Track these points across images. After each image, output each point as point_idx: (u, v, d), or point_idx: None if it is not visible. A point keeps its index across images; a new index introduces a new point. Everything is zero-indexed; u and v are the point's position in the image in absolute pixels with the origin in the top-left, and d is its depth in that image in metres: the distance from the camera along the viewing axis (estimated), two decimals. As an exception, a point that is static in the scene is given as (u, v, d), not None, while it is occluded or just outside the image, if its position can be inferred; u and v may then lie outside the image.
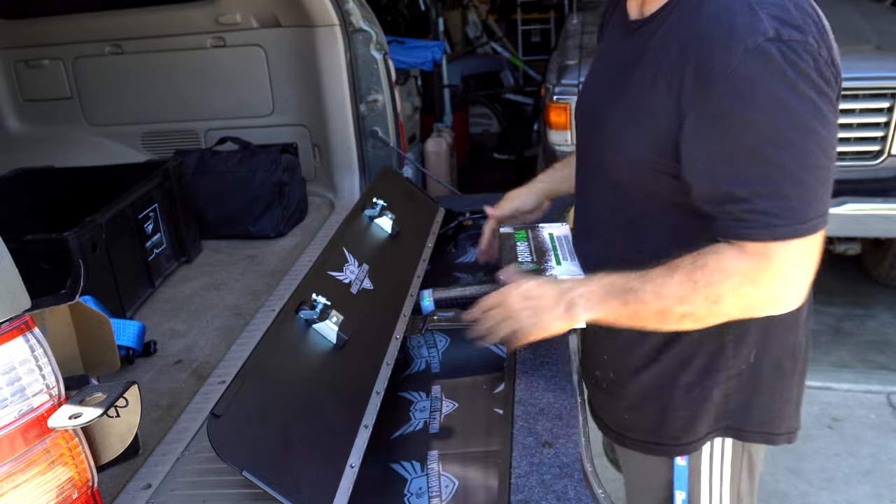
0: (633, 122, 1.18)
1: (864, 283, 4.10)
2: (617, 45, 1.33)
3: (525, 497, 1.08)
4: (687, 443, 1.36)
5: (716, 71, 1.03)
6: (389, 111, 2.82)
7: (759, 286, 1.09)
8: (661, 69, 1.12)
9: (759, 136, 1.03)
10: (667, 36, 1.14)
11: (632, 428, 1.42)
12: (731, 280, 1.08)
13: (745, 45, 1.01)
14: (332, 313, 1.43)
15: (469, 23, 7.34)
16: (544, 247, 1.59)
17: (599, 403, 1.51)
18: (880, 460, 2.79)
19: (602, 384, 1.45)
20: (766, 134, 1.03)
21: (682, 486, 1.40)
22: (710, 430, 1.35)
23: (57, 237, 1.82)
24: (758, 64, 1.01)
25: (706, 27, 1.07)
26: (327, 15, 2.66)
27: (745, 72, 1.01)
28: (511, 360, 1.46)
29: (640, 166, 1.19)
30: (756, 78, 1.01)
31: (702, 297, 1.10)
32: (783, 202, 1.04)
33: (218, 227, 2.60)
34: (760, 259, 1.07)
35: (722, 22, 1.05)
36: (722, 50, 1.03)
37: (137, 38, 2.92)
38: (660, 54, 1.14)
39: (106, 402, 0.93)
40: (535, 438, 1.20)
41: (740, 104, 1.03)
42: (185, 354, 1.85)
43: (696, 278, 1.09)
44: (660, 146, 1.14)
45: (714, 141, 1.07)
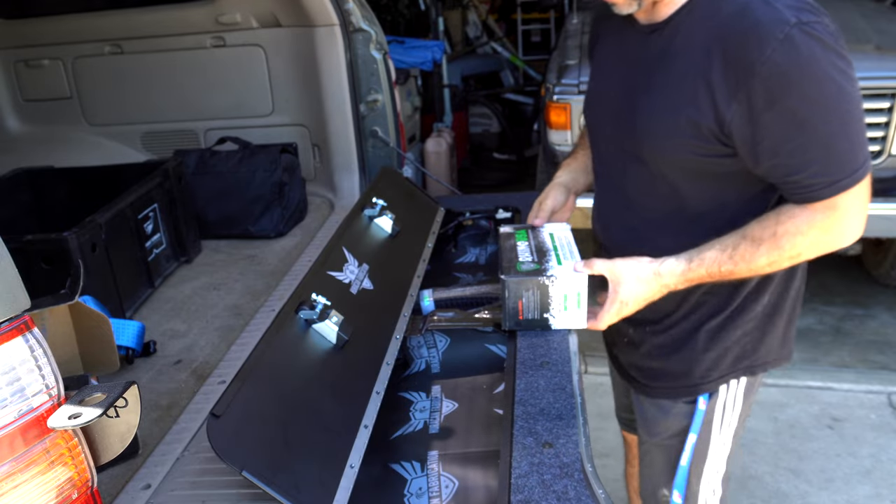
0: (670, 116, 1.29)
1: (864, 283, 4.10)
2: (630, 49, 1.41)
3: (525, 497, 1.08)
4: (711, 380, 1.52)
5: (753, 63, 1.17)
6: (389, 111, 2.82)
7: (832, 233, 1.28)
8: (690, 67, 1.25)
9: (807, 111, 1.18)
10: (689, 37, 1.27)
11: (660, 376, 1.57)
12: (809, 236, 1.27)
13: (774, 36, 1.15)
14: (332, 313, 1.43)
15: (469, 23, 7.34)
16: (545, 247, 1.59)
17: (630, 360, 1.64)
18: (880, 460, 2.79)
19: (634, 339, 1.58)
20: (812, 108, 1.18)
21: (696, 427, 1.56)
22: (731, 370, 1.51)
23: (57, 237, 1.82)
24: (790, 50, 1.15)
25: (730, 25, 1.20)
26: (327, 15, 2.66)
27: (782, 59, 1.15)
28: (511, 360, 1.46)
29: (680, 154, 1.32)
30: (792, 62, 1.15)
31: (787, 257, 1.30)
32: (837, 161, 1.22)
33: (218, 227, 2.60)
34: (829, 212, 1.25)
35: (746, 19, 1.19)
36: (756, 43, 1.16)
37: (137, 38, 2.92)
38: (686, 54, 1.27)
39: (105, 402, 0.93)
40: (535, 438, 1.20)
41: (783, 88, 1.17)
42: (184, 354, 1.85)
43: (782, 244, 1.28)
44: (701, 134, 1.27)
45: (769, 127, 1.21)
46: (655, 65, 1.32)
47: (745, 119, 1.22)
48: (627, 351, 1.64)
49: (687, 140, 1.29)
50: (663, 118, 1.31)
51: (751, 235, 1.30)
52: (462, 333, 1.70)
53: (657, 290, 1.39)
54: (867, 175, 1.25)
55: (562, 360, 1.44)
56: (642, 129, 1.36)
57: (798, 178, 1.24)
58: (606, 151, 1.54)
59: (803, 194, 1.26)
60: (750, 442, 2.89)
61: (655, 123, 1.33)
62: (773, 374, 3.34)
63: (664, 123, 1.31)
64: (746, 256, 1.30)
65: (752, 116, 1.21)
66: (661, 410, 1.60)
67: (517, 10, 7.96)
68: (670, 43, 1.30)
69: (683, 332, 1.51)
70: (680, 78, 1.27)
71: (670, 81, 1.29)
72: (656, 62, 1.32)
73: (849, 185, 1.23)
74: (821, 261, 1.33)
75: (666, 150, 1.34)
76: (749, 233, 1.30)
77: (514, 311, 1.50)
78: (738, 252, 1.31)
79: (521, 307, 1.49)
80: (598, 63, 1.57)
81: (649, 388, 1.61)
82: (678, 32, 1.29)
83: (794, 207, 1.28)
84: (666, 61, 1.30)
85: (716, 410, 1.54)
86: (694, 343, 1.50)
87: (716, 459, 1.58)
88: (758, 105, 1.19)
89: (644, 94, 1.35)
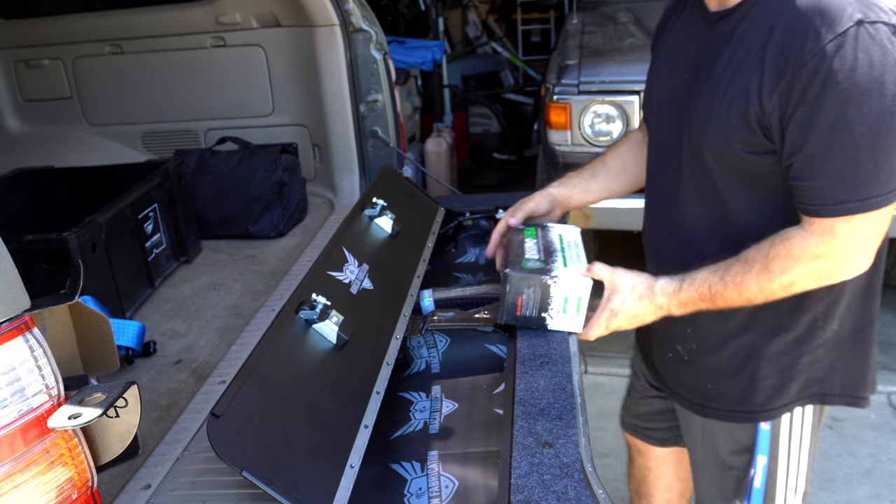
0: (723, 106, 1.23)
1: (865, 283, 4.10)
2: (696, 37, 1.36)
3: (525, 497, 1.08)
4: (773, 408, 1.42)
5: (804, 54, 1.10)
6: (389, 111, 2.82)
7: (826, 261, 1.18)
8: (748, 55, 1.19)
9: (840, 118, 1.09)
10: (753, 25, 1.20)
11: (714, 398, 1.48)
12: (801, 262, 1.19)
13: (833, 29, 1.08)
14: (332, 313, 1.43)
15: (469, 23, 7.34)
16: (552, 247, 1.58)
17: (677, 377, 1.57)
18: (880, 460, 2.79)
19: (683, 356, 1.50)
20: (846, 116, 1.09)
21: (764, 450, 1.46)
22: (798, 398, 1.42)
23: (57, 237, 1.82)
24: (845, 47, 1.07)
25: (795, 16, 1.13)
26: (327, 15, 2.66)
27: (833, 54, 1.07)
28: (511, 360, 1.46)
29: (731, 147, 1.24)
30: (842, 62, 1.07)
31: (777, 284, 1.21)
32: (853, 181, 1.12)
33: (218, 227, 2.60)
34: (826, 237, 1.16)
35: (811, 10, 1.11)
36: (814, 33, 1.09)
37: (137, 38, 2.92)
38: (746, 42, 1.20)
39: (105, 403, 0.93)
40: (535, 438, 1.20)
41: (823, 86, 1.09)
42: (184, 354, 1.85)
43: (772, 269, 1.20)
44: (748, 124, 1.20)
45: (797, 120, 1.13)
46: (719, 51, 1.26)
47: (782, 108, 1.15)
48: (675, 366, 1.56)
49: (736, 130, 1.22)
50: (718, 106, 1.25)
51: (744, 257, 1.23)
52: (462, 333, 1.70)
53: (651, 309, 1.35)
54: (885, 208, 1.13)
55: (562, 360, 1.43)
56: (701, 117, 1.30)
57: (806, 185, 1.16)
58: (665, 144, 1.46)
59: (806, 205, 1.18)
60: (750, 442, 2.89)
61: (711, 111, 1.27)
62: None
63: (718, 111, 1.25)
64: (737, 279, 1.23)
65: (788, 106, 1.14)
66: (717, 429, 1.52)
67: (517, 10, 7.96)
68: (735, 28, 1.24)
69: (737, 355, 1.42)
70: (737, 64, 1.21)
71: (730, 68, 1.23)
72: (721, 48, 1.26)
73: (856, 210, 1.13)
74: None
75: (717, 140, 1.27)
76: (744, 255, 1.24)
77: (512, 307, 1.49)
78: (728, 274, 1.24)
79: (521, 303, 1.49)
80: (663, 52, 1.50)
81: (703, 407, 1.52)
82: (746, 18, 1.23)
83: (791, 230, 1.21)
84: (729, 47, 1.24)
85: (781, 433, 1.45)
86: (753, 369, 1.40)
87: (792, 480, 1.49)
88: (795, 96, 1.13)
89: (706, 82, 1.28)
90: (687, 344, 1.49)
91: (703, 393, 1.51)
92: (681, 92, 1.36)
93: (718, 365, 1.45)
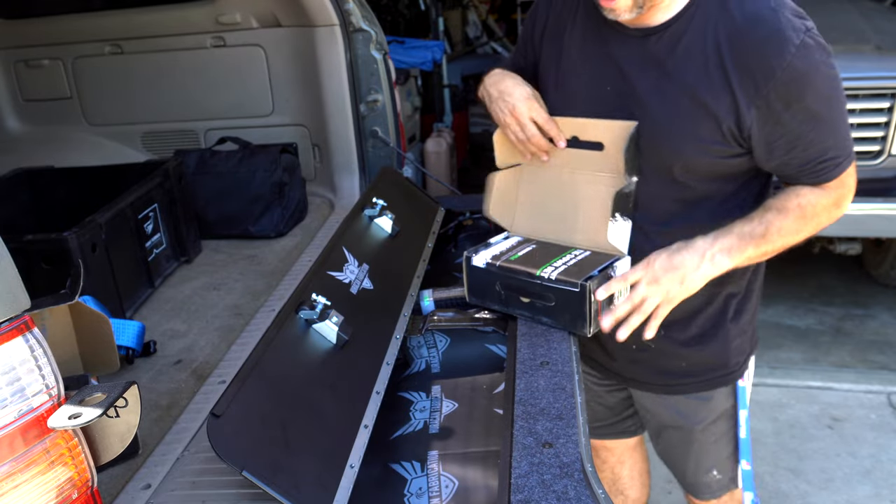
0: (689, 122, 1.35)
1: (864, 283, 4.10)
2: (616, 49, 1.41)
3: (525, 497, 1.08)
4: (741, 363, 1.62)
5: (773, 69, 1.26)
6: (389, 111, 2.82)
7: (842, 206, 1.42)
8: (704, 76, 1.31)
9: (821, 106, 1.31)
10: (695, 44, 1.32)
11: (690, 373, 1.61)
12: (827, 210, 1.39)
13: (792, 42, 1.26)
14: (332, 313, 1.43)
15: (469, 23, 7.34)
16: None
17: (642, 368, 1.65)
18: (880, 460, 2.79)
19: (650, 345, 1.55)
20: (824, 102, 1.32)
21: (744, 404, 1.65)
22: (750, 348, 1.65)
23: (57, 237, 1.82)
24: (806, 54, 1.27)
25: (746, 34, 1.28)
26: (327, 15, 2.66)
27: (800, 63, 1.26)
28: (511, 360, 1.46)
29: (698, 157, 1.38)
30: (809, 65, 1.27)
31: (811, 226, 1.39)
32: (842, 144, 1.36)
33: (218, 227, 2.60)
34: (840, 189, 1.39)
35: (761, 28, 1.28)
36: (775, 50, 1.26)
37: (137, 38, 2.91)
38: (696, 62, 1.32)
39: (105, 402, 0.93)
40: (535, 438, 1.20)
41: (801, 89, 1.28)
42: (184, 354, 1.85)
43: (806, 214, 1.37)
44: (722, 138, 1.34)
45: (787, 126, 1.31)
46: (661, 70, 1.35)
47: (765, 121, 1.31)
48: (639, 356, 1.62)
49: (706, 144, 1.35)
50: (682, 124, 1.35)
51: (775, 206, 1.37)
52: (462, 333, 1.70)
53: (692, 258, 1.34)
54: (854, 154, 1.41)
55: (562, 360, 1.43)
56: (658, 135, 1.37)
57: (811, 166, 1.36)
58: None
59: (815, 177, 1.37)
60: (750, 442, 2.90)
61: (672, 128, 1.36)
62: (774, 374, 3.34)
63: (682, 129, 1.35)
64: (776, 224, 1.35)
65: (772, 117, 1.30)
66: (698, 400, 1.64)
67: (517, 10, 7.95)
68: (673, 49, 1.33)
69: (707, 324, 1.56)
70: (695, 84, 1.32)
71: (685, 87, 1.33)
72: (661, 67, 1.35)
73: (851, 159, 1.38)
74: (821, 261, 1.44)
75: (683, 153, 1.38)
76: (772, 204, 1.38)
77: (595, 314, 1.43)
78: (766, 220, 1.36)
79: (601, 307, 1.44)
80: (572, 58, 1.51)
81: (677, 386, 1.63)
82: (680, 39, 1.33)
83: (802, 187, 1.39)
84: (674, 68, 1.33)
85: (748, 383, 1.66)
86: (725, 334, 1.56)
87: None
88: (777, 107, 1.29)
89: (653, 98, 1.36)
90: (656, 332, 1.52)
91: (676, 372, 1.61)
92: (609, 104, 1.43)
93: (691, 338, 1.56)
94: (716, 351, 1.58)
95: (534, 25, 1.61)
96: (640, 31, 1.37)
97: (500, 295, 1.56)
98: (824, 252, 3.77)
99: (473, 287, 1.61)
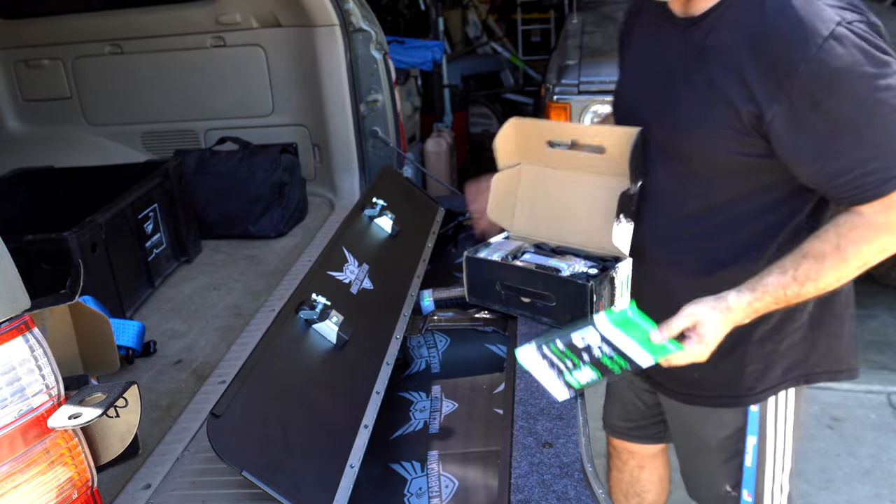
0: (711, 111, 1.27)
1: (864, 283, 4.08)
2: (666, 43, 1.39)
3: (525, 497, 1.08)
4: (760, 392, 1.48)
5: (796, 63, 1.15)
6: (389, 111, 2.82)
7: (891, 231, 1.21)
8: (729, 65, 1.23)
9: (854, 110, 1.16)
10: (728, 33, 1.24)
11: (701, 385, 1.52)
12: (874, 242, 1.22)
13: (819, 35, 1.13)
14: (332, 313, 1.43)
15: (469, 23, 7.33)
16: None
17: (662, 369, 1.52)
18: (880, 460, 2.79)
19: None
20: (858, 106, 1.16)
21: (753, 430, 1.53)
22: (782, 380, 1.48)
23: (57, 237, 1.82)
24: (835, 48, 1.13)
25: (773, 23, 1.18)
26: (327, 15, 2.66)
27: (827, 58, 1.13)
28: (511, 360, 1.46)
29: (721, 149, 1.29)
30: (837, 61, 1.13)
31: (854, 267, 1.24)
32: (884, 160, 1.18)
33: (218, 227, 2.60)
34: (889, 211, 1.20)
35: (788, 17, 1.16)
36: (799, 43, 1.14)
37: (137, 38, 2.92)
38: (725, 51, 1.24)
39: (105, 403, 0.93)
40: (535, 438, 1.20)
41: (828, 88, 1.15)
42: (185, 354, 1.85)
43: (847, 256, 1.22)
44: (742, 129, 1.24)
45: (814, 128, 1.18)
46: (694, 59, 1.31)
47: (788, 119, 1.20)
48: None
49: (728, 134, 1.27)
50: (705, 112, 1.29)
51: (811, 252, 1.24)
52: (462, 333, 1.70)
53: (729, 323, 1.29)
54: None
55: (562, 360, 1.43)
56: (684, 122, 1.33)
57: (847, 179, 1.21)
58: None
59: (854, 195, 1.21)
60: (750, 442, 2.89)
61: (697, 117, 1.31)
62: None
63: (706, 117, 1.29)
64: (812, 274, 1.24)
65: (795, 116, 1.19)
66: (705, 415, 1.57)
67: (517, 10, 7.95)
68: (706, 37, 1.28)
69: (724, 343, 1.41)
70: (719, 74, 1.25)
71: (710, 77, 1.27)
72: (695, 56, 1.30)
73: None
74: None
75: (707, 144, 1.31)
76: (809, 250, 1.25)
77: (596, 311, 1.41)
78: (800, 271, 1.24)
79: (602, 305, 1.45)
80: (633, 55, 1.54)
81: (691, 396, 1.56)
82: (715, 27, 1.27)
83: (851, 216, 1.23)
84: (705, 56, 1.28)
85: (769, 414, 1.51)
86: (740, 354, 1.45)
87: (780, 458, 1.55)
88: (802, 105, 1.17)
89: (685, 88, 1.33)
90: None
91: (689, 382, 1.54)
92: (655, 97, 1.40)
93: None
94: (727, 369, 1.47)
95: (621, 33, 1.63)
96: (686, 20, 1.34)
97: (500, 295, 1.56)
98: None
99: (474, 287, 1.61)
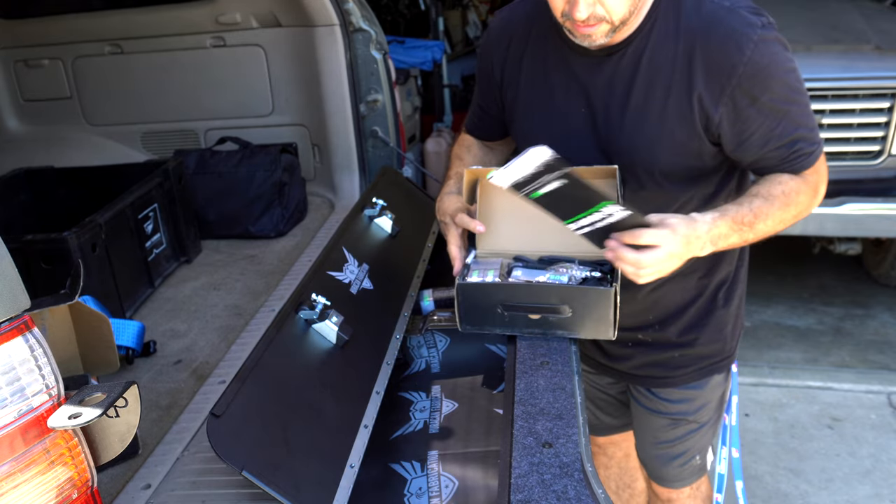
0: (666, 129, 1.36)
1: (864, 283, 4.10)
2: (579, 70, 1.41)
3: (525, 497, 1.08)
4: (734, 347, 1.65)
5: (735, 66, 1.28)
6: (389, 111, 2.82)
7: (819, 193, 1.44)
8: (672, 82, 1.33)
9: (786, 99, 1.33)
10: (658, 54, 1.34)
11: (685, 364, 1.62)
12: (808, 198, 1.41)
13: (750, 38, 1.28)
14: (332, 313, 1.43)
15: (469, 23, 7.32)
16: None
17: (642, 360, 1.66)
18: (880, 460, 2.79)
19: (647, 340, 1.61)
20: (789, 94, 1.34)
21: (735, 389, 1.68)
22: (740, 331, 1.67)
23: (57, 237, 1.82)
24: (765, 49, 1.28)
25: (705, 36, 1.30)
26: (327, 15, 2.67)
27: (760, 58, 1.28)
28: (511, 360, 1.46)
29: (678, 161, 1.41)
30: (768, 60, 1.29)
31: (792, 215, 1.40)
32: (812, 133, 1.38)
33: (218, 227, 2.60)
34: (817, 175, 1.42)
35: (719, 28, 1.30)
36: (735, 48, 1.28)
37: (137, 38, 2.92)
38: (662, 71, 1.34)
39: (105, 402, 0.93)
40: (535, 438, 1.20)
41: (764, 84, 1.30)
42: (184, 354, 1.85)
43: (790, 202, 1.38)
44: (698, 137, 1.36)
45: (755, 121, 1.33)
46: (630, 86, 1.36)
47: (733, 118, 1.33)
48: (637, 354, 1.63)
49: (684, 148, 1.37)
50: (659, 132, 1.37)
51: (762, 193, 1.37)
52: (462, 333, 1.70)
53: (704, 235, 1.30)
54: None
55: (562, 359, 1.43)
56: (643, 144, 1.39)
57: (787, 156, 1.38)
58: None
59: (796, 164, 1.38)
60: (750, 442, 2.89)
61: (656, 136, 1.37)
62: (774, 374, 3.33)
63: (665, 134, 1.36)
64: (763, 211, 1.35)
65: (738, 114, 1.32)
66: (695, 390, 1.65)
67: (517, 10, 7.94)
68: (638, 63, 1.35)
69: (702, 314, 1.58)
70: (665, 93, 1.34)
71: (656, 98, 1.34)
72: (629, 82, 1.36)
73: (822, 149, 1.41)
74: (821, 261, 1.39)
75: (662, 160, 1.39)
76: (759, 191, 1.38)
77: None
78: (755, 206, 1.35)
79: None
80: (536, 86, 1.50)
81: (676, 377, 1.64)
82: (643, 53, 1.34)
83: (784, 175, 1.40)
84: (642, 79, 1.35)
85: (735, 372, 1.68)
86: (717, 321, 1.59)
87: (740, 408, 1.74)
88: (742, 103, 1.31)
89: (631, 113, 1.37)
90: (648, 325, 1.59)
91: (669, 364, 1.62)
92: (584, 126, 1.43)
93: (683, 329, 1.58)
94: (711, 338, 1.61)
95: (491, 65, 1.56)
96: (602, 50, 1.36)
97: (503, 317, 1.44)
98: (824, 252, 3.77)
99: (468, 314, 1.47)
